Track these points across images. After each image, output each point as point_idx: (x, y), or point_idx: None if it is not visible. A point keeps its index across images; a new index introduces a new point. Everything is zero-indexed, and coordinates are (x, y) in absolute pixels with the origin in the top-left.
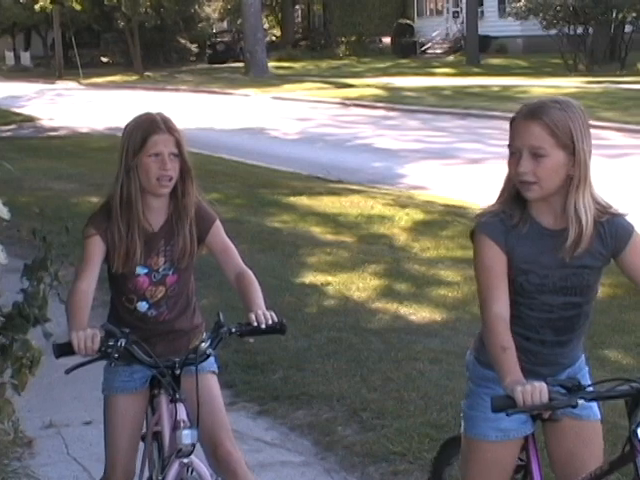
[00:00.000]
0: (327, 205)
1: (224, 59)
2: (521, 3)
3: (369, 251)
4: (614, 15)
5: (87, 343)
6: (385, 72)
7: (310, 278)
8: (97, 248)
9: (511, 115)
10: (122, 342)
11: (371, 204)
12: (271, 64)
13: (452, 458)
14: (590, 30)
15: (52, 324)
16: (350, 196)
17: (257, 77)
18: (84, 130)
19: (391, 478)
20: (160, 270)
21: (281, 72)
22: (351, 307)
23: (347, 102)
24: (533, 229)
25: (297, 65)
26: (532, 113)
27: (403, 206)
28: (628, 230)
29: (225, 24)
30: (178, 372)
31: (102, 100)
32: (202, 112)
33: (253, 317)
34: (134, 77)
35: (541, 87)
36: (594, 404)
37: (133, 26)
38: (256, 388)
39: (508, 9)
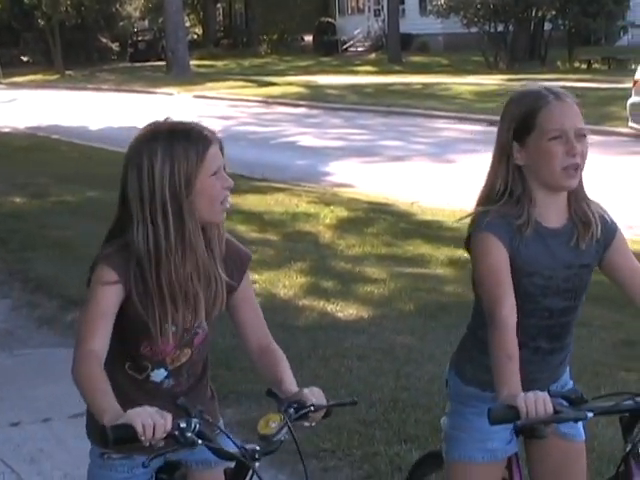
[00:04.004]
0: (252, 203)
1: (146, 58)
2: (442, 1)
3: (295, 249)
4: (534, 13)
5: (157, 425)
6: (307, 70)
7: None
8: (116, 298)
9: (434, 113)
10: (196, 424)
11: (296, 202)
12: (193, 63)
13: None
14: (511, 28)
15: None
16: (275, 194)
17: (179, 76)
18: (5, 130)
19: (321, 475)
20: (190, 327)
21: (203, 71)
22: (278, 305)
23: (269, 100)
24: (536, 230)
25: (219, 63)
26: (566, 94)
27: (328, 204)
28: (613, 227)
29: (146, 23)
30: (257, 465)
31: (23, 99)
32: (125, 111)
33: (309, 395)
34: (55, 76)
35: (463, 84)
36: (580, 423)
37: (54, 25)
38: None
39: (429, 7)
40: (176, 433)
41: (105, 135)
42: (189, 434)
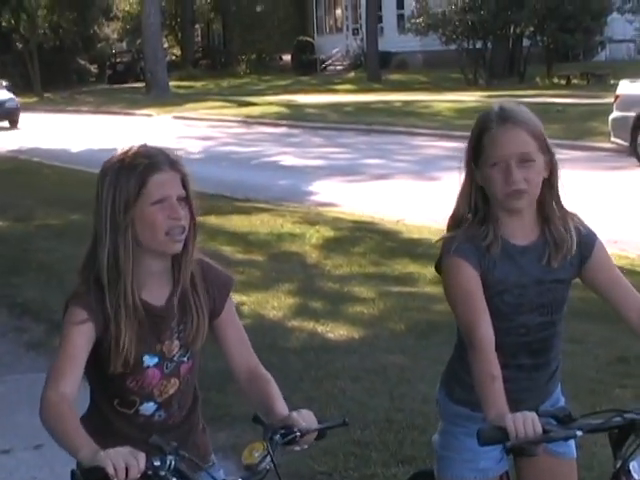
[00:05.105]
0: (236, 224)
1: (124, 79)
2: (420, 19)
3: (282, 269)
4: (512, 30)
5: (130, 467)
6: (286, 90)
7: None
8: (86, 339)
9: (415, 130)
10: (172, 461)
11: (281, 222)
12: (172, 84)
13: None
14: (489, 45)
15: None
16: (259, 214)
17: (158, 97)
18: None
19: None
20: (175, 358)
21: (182, 91)
22: (267, 326)
23: (249, 120)
24: (505, 249)
25: (198, 84)
26: (512, 119)
27: (312, 223)
28: (591, 238)
29: (125, 44)
30: None
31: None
32: (104, 133)
33: (298, 419)
34: (34, 99)
35: (443, 102)
36: (571, 441)
37: (32, 48)
38: None
39: (407, 25)
40: (149, 473)
41: (85, 157)
42: (163, 473)
